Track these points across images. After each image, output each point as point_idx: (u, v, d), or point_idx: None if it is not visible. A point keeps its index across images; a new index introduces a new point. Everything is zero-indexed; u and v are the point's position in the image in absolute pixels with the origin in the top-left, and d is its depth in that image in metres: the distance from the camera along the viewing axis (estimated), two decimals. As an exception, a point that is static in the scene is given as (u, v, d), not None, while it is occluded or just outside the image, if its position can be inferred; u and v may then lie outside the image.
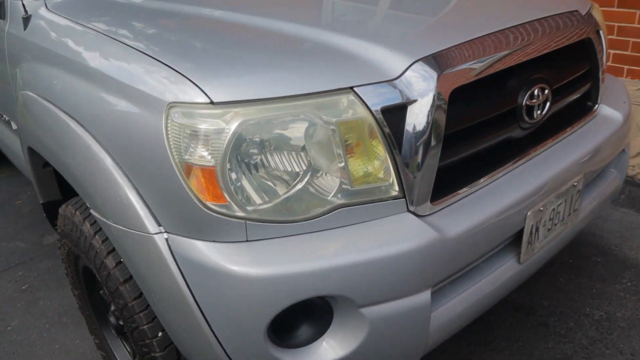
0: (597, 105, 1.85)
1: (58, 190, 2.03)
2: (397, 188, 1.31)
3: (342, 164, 1.26)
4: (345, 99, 1.25)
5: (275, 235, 1.26)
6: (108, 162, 1.37)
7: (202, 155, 1.19)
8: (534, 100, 1.54)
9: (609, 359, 2.15)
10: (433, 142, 1.30)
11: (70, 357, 2.40)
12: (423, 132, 1.28)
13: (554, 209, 1.61)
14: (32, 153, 1.86)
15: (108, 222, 1.40)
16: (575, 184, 1.66)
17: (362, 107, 1.25)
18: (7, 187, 4.00)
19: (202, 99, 1.20)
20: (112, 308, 1.85)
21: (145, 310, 1.49)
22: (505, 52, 1.44)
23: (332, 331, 1.32)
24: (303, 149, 1.24)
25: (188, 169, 1.21)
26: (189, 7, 1.75)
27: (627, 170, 2.14)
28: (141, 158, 1.30)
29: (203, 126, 1.19)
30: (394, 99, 1.27)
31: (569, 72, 1.73)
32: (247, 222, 1.23)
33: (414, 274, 1.29)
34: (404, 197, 1.32)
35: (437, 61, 1.33)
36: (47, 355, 2.43)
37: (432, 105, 1.28)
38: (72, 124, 1.48)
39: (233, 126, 1.19)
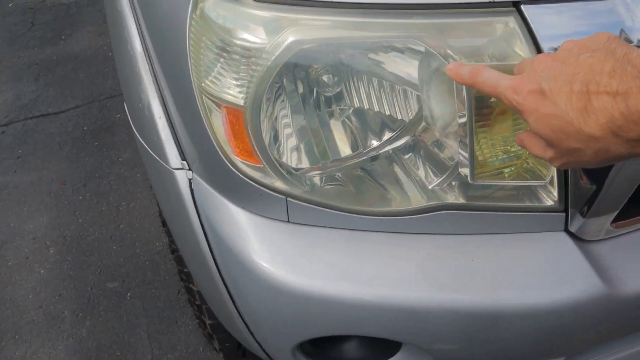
0: None
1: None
2: (555, 193, 0.74)
3: (466, 138, 0.71)
4: (500, 25, 0.66)
5: (332, 225, 0.79)
6: (137, 44, 0.95)
7: (230, 86, 0.71)
8: None
9: None
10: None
11: (165, 210, 2.28)
12: None
13: None
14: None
15: (133, 129, 1.02)
16: None
17: (526, 44, 0.65)
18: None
19: (244, -14, 0.68)
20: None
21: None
22: None
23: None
24: (414, 87, 0.72)
25: (215, 102, 0.75)
26: None
27: None
28: (170, 63, 0.85)
29: (236, 35, 0.69)
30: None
31: None
32: (288, 199, 0.77)
33: (550, 340, 0.78)
34: (565, 210, 0.75)
35: None
36: (145, 200, 2.33)
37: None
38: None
39: (282, 45, 0.67)
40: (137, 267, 2.07)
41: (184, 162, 0.89)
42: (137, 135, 0.99)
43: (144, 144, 0.96)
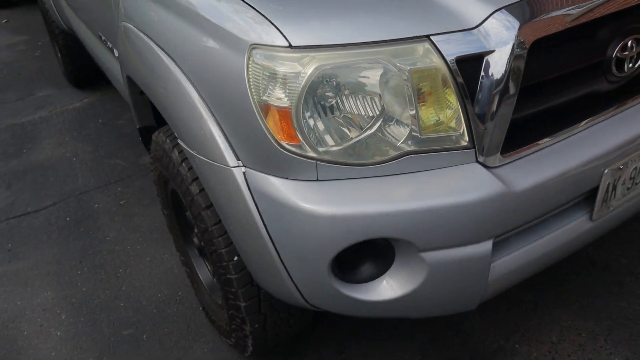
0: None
1: (153, 116, 2.19)
2: (467, 138, 1.32)
3: (413, 112, 1.28)
4: (421, 47, 1.25)
5: (345, 177, 1.32)
6: (194, 96, 1.47)
7: (279, 96, 1.26)
8: (626, 52, 1.46)
9: (683, 323, 2.09)
10: (508, 94, 1.28)
11: (159, 270, 2.65)
12: (498, 83, 1.27)
13: (636, 168, 1.56)
14: (130, 81, 2.00)
15: (192, 153, 1.52)
16: (664, 143, 1.58)
17: (437, 56, 1.25)
18: (112, 107, 4.30)
19: (282, 42, 1.25)
20: (196, 230, 2.02)
21: (223, 236, 1.62)
22: (600, 1, 1.36)
23: (392, 272, 1.39)
24: (376, 94, 1.28)
25: (265, 108, 1.28)
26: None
27: None
28: (224, 95, 1.38)
29: (281, 69, 1.25)
30: (471, 49, 1.26)
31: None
32: (318, 162, 1.30)
33: (476, 225, 1.32)
34: (474, 147, 1.33)
35: (525, 8, 1.29)
36: (139, 265, 2.69)
37: (510, 56, 1.26)
38: (165, 58, 1.59)
39: (309, 70, 1.23)
40: (146, 315, 2.42)
41: (239, 162, 1.40)
42: (198, 155, 1.49)
43: (205, 158, 1.46)
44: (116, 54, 2.39)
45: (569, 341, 2.07)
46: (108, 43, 2.51)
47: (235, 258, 1.63)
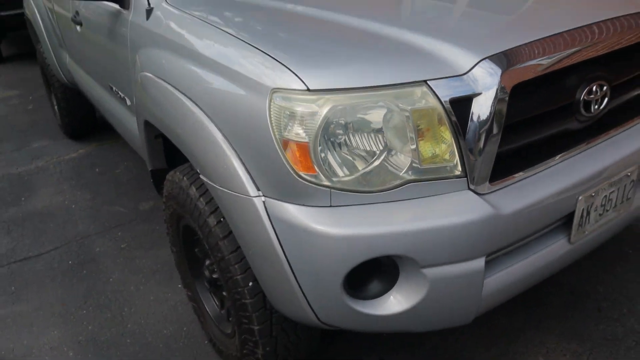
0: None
1: (164, 159, 2.36)
2: (460, 168, 1.52)
3: (414, 146, 1.48)
4: (419, 91, 1.47)
5: (355, 203, 1.50)
6: (218, 136, 1.65)
7: (297, 132, 1.45)
8: (592, 96, 1.69)
9: (656, 343, 2.27)
10: (494, 131, 1.50)
11: (162, 307, 2.76)
12: (485, 121, 1.48)
13: (606, 196, 1.77)
14: (147, 125, 2.18)
15: (215, 186, 1.69)
16: (629, 174, 1.80)
17: (433, 98, 1.46)
18: (108, 157, 4.46)
19: (301, 86, 1.45)
20: (207, 263, 2.16)
21: (239, 263, 1.77)
22: (567, 53, 1.61)
23: (398, 287, 1.55)
24: (381, 131, 1.48)
25: (285, 143, 1.47)
26: (291, 5, 2.01)
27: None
28: (246, 133, 1.57)
29: (300, 109, 1.45)
30: (462, 92, 1.47)
31: (631, 70, 1.86)
32: (331, 190, 1.48)
33: (470, 243, 1.50)
34: (466, 176, 1.52)
35: (503, 58, 1.52)
36: (144, 304, 2.80)
37: (494, 98, 1.48)
38: (188, 103, 1.78)
39: (324, 110, 1.43)
40: (153, 350, 2.52)
41: (259, 192, 1.58)
42: (220, 188, 1.66)
43: (228, 190, 1.63)
44: (128, 103, 2.58)
45: (555, 362, 2.23)
46: (120, 93, 2.70)
47: (250, 283, 1.78)
